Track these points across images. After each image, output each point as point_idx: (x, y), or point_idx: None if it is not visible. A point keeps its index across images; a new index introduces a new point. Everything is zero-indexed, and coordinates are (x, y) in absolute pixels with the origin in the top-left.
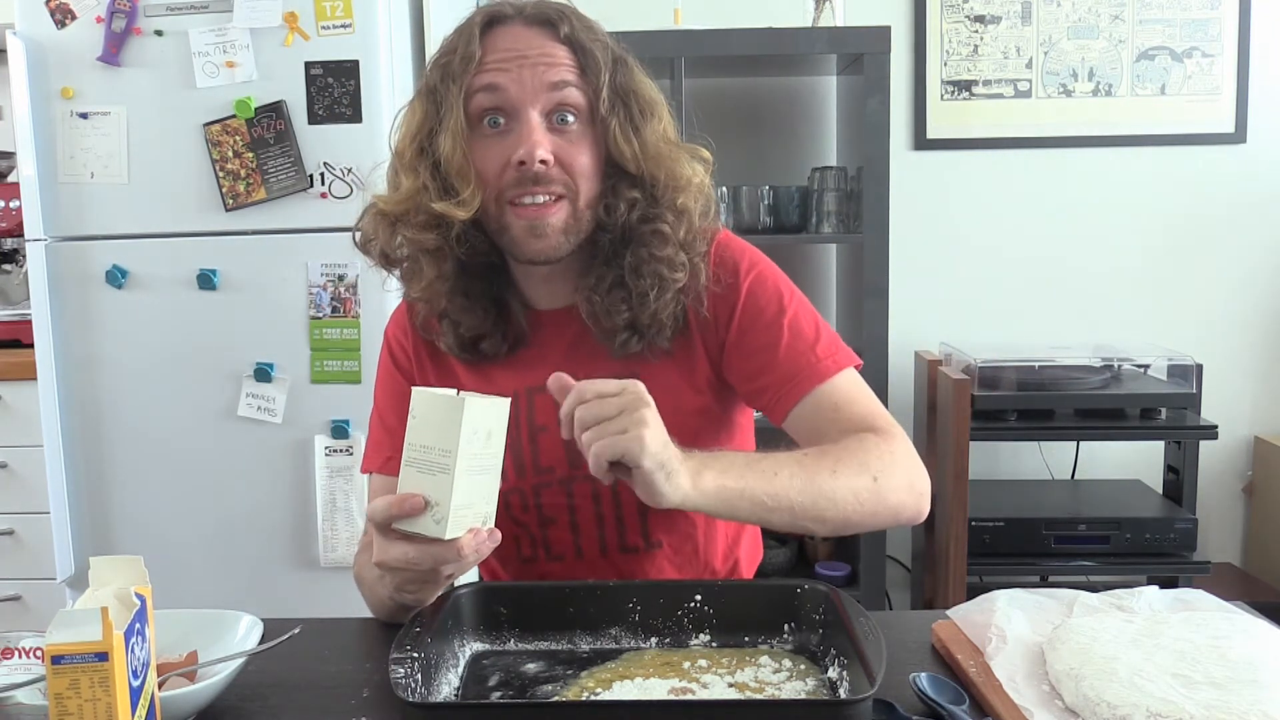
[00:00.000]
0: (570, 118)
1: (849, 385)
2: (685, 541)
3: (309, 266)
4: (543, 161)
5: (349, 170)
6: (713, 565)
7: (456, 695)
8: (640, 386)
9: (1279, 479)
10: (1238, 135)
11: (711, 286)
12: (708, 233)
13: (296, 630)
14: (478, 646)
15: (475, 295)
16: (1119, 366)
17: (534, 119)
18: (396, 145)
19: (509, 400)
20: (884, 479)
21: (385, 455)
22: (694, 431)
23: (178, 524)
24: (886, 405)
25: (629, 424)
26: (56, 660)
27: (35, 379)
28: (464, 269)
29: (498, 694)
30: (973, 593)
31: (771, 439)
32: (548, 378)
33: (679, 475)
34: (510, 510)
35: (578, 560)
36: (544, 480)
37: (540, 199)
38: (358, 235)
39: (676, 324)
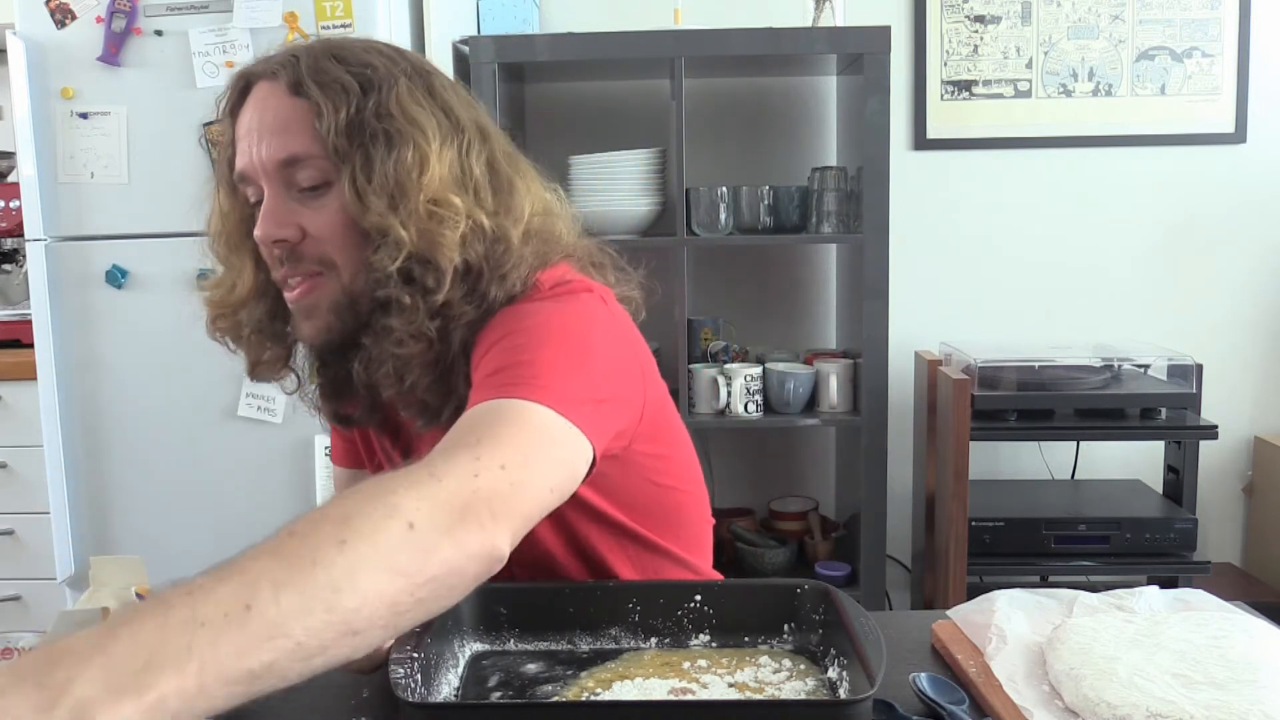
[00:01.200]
0: (312, 184)
1: (516, 410)
2: (553, 574)
3: None
4: (280, 241)
5: None
6: None
7: (456, 695)
8: None
9: (1279, 479)
10: (1238, 135)
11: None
12: (529, 283)
13: None
14: (478, 646)
15: (331, 364)
16: (1119, 366)
17: (271, 196)
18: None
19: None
20: (428, 511)
21: (341, 450)
22: (576, 512)
23: (178, 524)
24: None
25: None
26: None
27: (35, 379)
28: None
29: (498, 694)
30: (973, 593)
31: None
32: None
33: None
34: None
35: None
36: None
37: (295, 280)
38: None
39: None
